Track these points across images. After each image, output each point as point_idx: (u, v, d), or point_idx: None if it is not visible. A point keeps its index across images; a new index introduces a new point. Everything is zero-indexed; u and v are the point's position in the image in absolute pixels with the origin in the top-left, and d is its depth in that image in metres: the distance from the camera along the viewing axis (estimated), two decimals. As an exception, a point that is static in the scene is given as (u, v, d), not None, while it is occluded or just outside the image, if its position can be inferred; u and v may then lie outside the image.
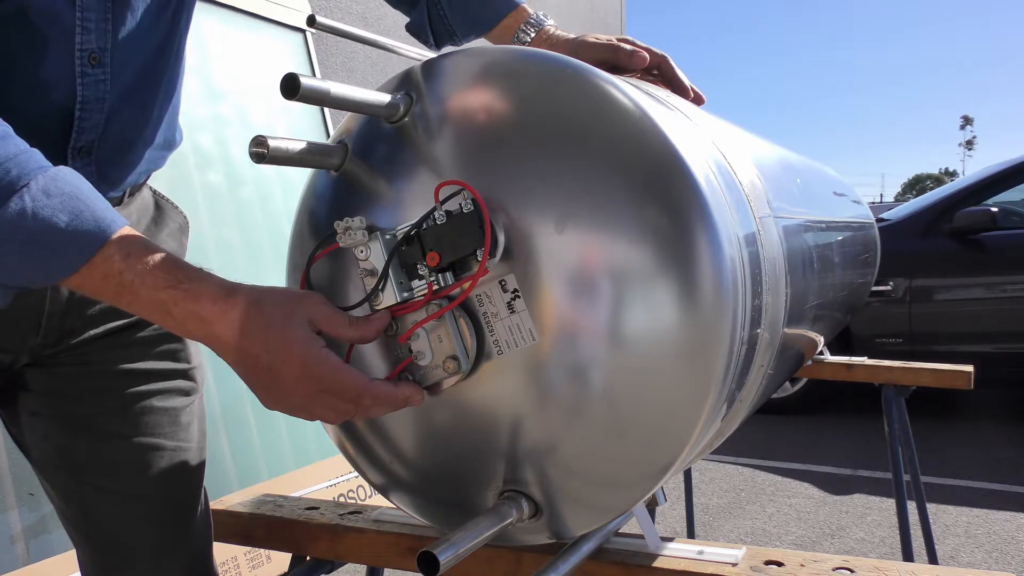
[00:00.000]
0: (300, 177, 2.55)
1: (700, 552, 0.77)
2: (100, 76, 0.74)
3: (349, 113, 0.74)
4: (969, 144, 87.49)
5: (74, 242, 0.60)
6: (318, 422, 0.68)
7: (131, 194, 0.86)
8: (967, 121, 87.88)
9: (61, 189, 0.61)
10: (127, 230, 0.62)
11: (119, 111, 0.77)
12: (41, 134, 0.65)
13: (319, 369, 0.61)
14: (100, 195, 0.63)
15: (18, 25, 0.68)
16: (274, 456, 2.56)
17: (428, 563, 0.57)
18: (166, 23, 0.80)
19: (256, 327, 0.60)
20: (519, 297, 0.64)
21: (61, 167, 0.62)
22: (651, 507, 0.80)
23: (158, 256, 0.61)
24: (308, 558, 0.95)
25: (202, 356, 0.94)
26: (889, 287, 4.38)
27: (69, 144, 0.75)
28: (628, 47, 0.94)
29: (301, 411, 0.64)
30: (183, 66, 0.87)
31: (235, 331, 0.60)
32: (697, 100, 0.99)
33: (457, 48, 0.73)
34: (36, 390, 0.84)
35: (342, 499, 2.69)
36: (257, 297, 0.61)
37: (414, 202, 0.69)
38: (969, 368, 1.85)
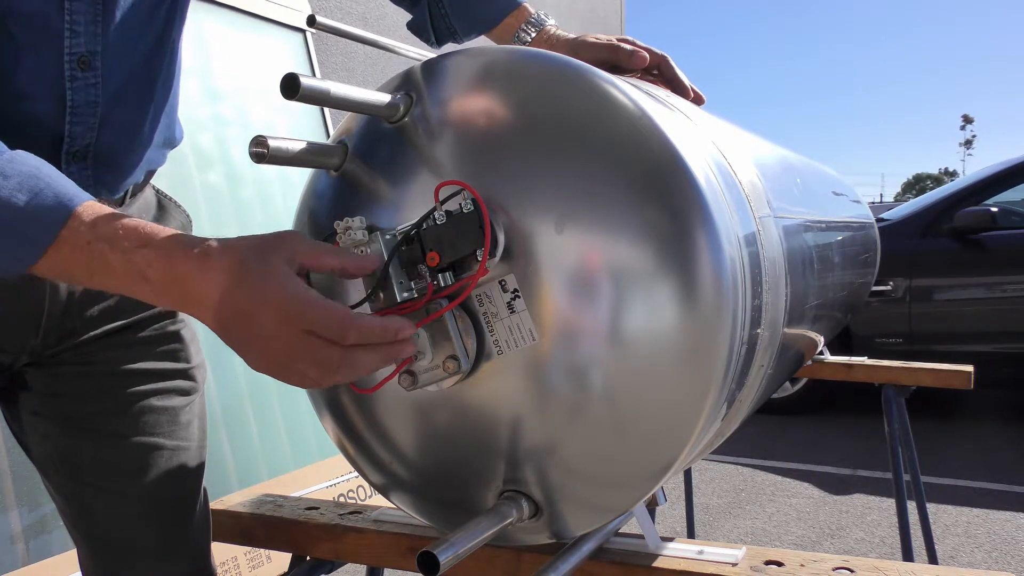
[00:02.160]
0: (300, 177, 2.55)
1: (700, 552, 0.77)
2: (91, 80, 0.73)
3: (349, 113, 0.74)
4: (968, 144, 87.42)
5: (37, 220, 0.58)
6: (318, 424, 0.67)
7: (132, 194, 0.86)
8: (967, 120, 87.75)
9: (18, 170, 0.59)
10: (91, 203, 0.60)
11: (113, 115, 0.76)
12: (32, 140, 0.64)
13: (297, 305, 0.56)
14: (61, 174, 0.61)
15: (2, 29, 0.67)
16: (274, 456, 2.56)
17: (428, 563, 0.57)
18: (159, 24, 0.80)
19: (234, 276, 0.57)
20: (519, 297, 0.64)
21: (19, 151, 0.60)
22: (651, 507, 0.80)
23: (126, 220, 0.59)
24: (308, 558, 0.95)
25: (203, 355, 0.94)
26: (889, 287, 4.38)
27: (63, 150, 0.74)
28: (628, 47, 0.94)
29: (284, 366, 0.59)
30: (179, 66, 0.87)
31: (215, 286, 0.57)
32: (697, 100, 0.99)
33: (457, 48, 0.73)
34: (36, 389, 0.84)
35: (342, 499, 2.69)
36: (232, 245, 0.58)
37: (414, 202, 0.69)
38: (969, 368, 1.85)
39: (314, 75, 3.07)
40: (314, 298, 0.57)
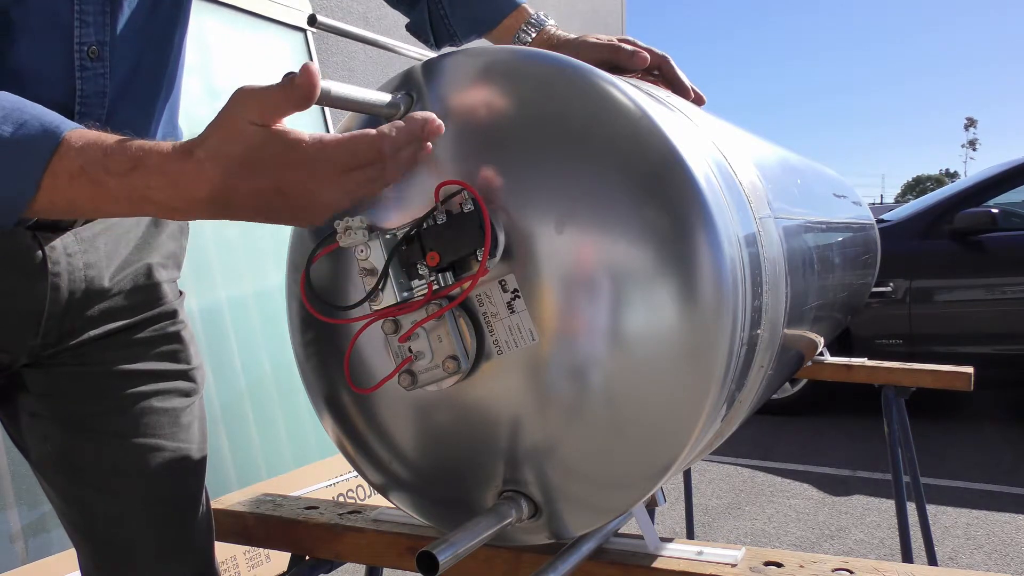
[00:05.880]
0: (300, 176, 2.54)
1: (699, 553, 0.77)
2: (100, 70, 0.74)
3: (350, 112, 0.73)
4: (972, 144, 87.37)
5: (25, 150, 0.57)
6: (317, 423, 0.67)
7: None
8: (971, 123, 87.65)
9: (0, 104, 0.58)
10: (79, 129, 0.59)
11: (119, 106, 0.77)
12: None
13: (323, 158, 0.57)
14: (45, 108, 0.60)
15: (14, 19, 0.68)
16: (273, 456, 2.56)
17: (427, 563, 0.57)
18: (164, 15, 0.80)
19: (234, 167, 0.56)
20: (519, 297, 0.64)
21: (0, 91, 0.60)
22: (651, 507, 0.80)
23: (115, 143, 0.59)
24: (307, 557, 0.95)
25: (202, 357, 0.94)
26: (889, 288, 4.38)
27: None
28: (629, 47, 0.94)
29: (342, 199, 0.60)
30: (183, 62, 0.87)
31: (217, 181, 0.57)
32: (698, 100, 0.99)
33: (458, 48, 0.73)
34: (35, 391, 0.84)
35: (341, 499, 2.69)
36: (203, 139, 0.58)
37: (414, 202, 0.69)
38: (969, 369, 1.85)
39: (315, 75, 3.07)
40: (330, 142, 0.58)
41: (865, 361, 1.95)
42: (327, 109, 3.23)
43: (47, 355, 0.82)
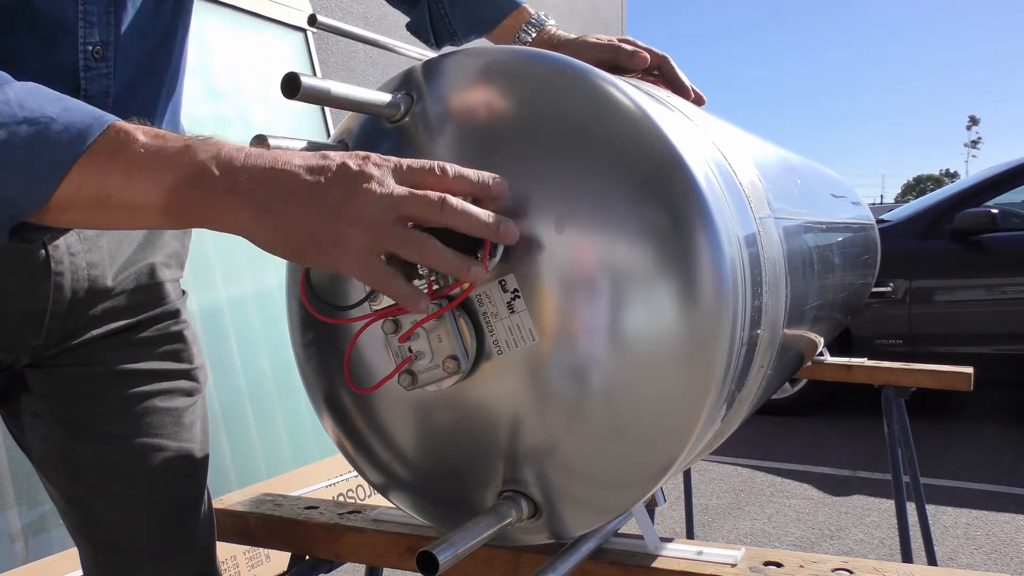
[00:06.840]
0: (300, 176, 2.54)
1: (699, 553, 0.77)
2: (104, 70, 0.74)
3: (350, 112, 0.74)
4: (975, 144, 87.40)
5: (69, 129, 0.56)
6: (317, 423, 0.67)
7: None
8: (973, 121, 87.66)
9: (45, 94, 0.58)
10: (121, 122, 0.58)
11: (123, 106, 0.77)
12: None
13: (382, 223, 0.56)
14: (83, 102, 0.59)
15: (20, 20, 0.68)
16: (273, 456, 2.57)
17: (427, 563, 0.57)
18: (167, 15, 0.80)
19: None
20: (519, 297, 0.64)
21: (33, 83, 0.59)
22: (650, 507, 0.80)
23: (158, 130, 0.58)
24: (307, 557, 0.95)
25: (204, 357, 0.94)
26: (889, 288, 4.38)
27: None
28: (629, 48, 0.94)
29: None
30: (185, 62, 0.87)
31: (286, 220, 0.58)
32: (698, 101, 0.99)
33: (458, 48, 0.73)
34: (37, 391, 0.84)
35: (341, 498, 2.69)
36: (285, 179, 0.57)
37: (414, 202, 0.68)
38: (969, 369, 1.85)
39: (315, 74, 3.07)
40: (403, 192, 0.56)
41: (865, 361, 1.95)
42: (327, 109, 3.23)
43: (49, 355, 0.82)
